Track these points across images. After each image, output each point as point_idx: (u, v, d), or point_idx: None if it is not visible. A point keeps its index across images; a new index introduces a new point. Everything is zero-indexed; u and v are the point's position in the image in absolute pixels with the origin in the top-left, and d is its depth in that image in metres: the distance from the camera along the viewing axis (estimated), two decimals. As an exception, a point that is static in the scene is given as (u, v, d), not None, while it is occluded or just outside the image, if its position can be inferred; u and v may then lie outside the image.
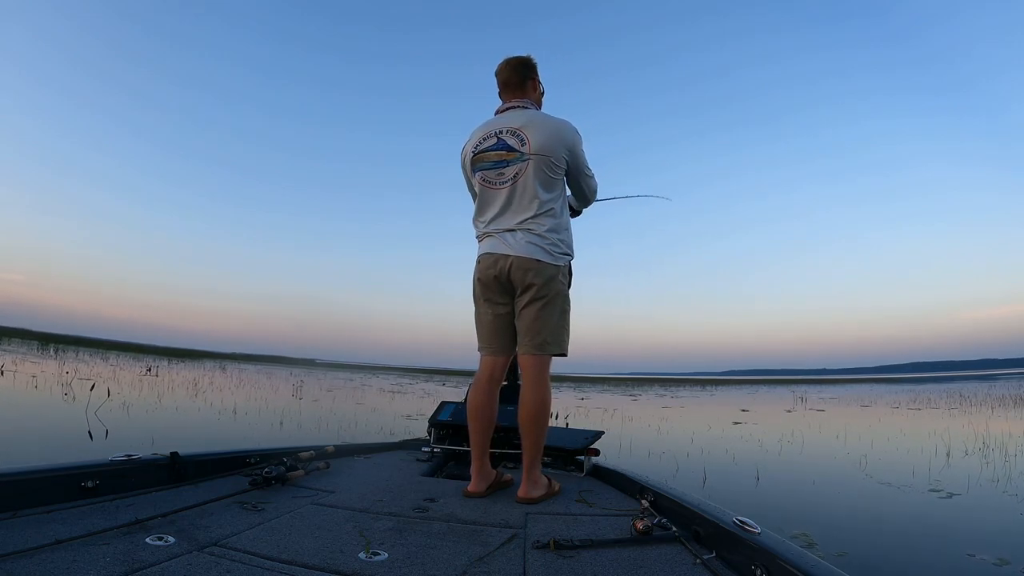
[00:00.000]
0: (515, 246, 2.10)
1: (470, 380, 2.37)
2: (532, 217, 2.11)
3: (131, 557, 1.25)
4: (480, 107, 2.38)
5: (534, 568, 1.37)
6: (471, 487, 2.14)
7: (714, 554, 1.46)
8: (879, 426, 9.43)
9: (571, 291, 2.26)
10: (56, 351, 25.90)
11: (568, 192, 2.30)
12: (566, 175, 2.21)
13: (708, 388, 33.03)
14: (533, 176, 2.11)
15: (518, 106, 2.23)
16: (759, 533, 1.37)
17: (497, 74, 2.30)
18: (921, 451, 6.24)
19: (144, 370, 17.66)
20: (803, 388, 31.13)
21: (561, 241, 2.15)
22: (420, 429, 7.42)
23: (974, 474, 4.88)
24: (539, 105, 2.34)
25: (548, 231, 2.11)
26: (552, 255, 2.11)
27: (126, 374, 15.16)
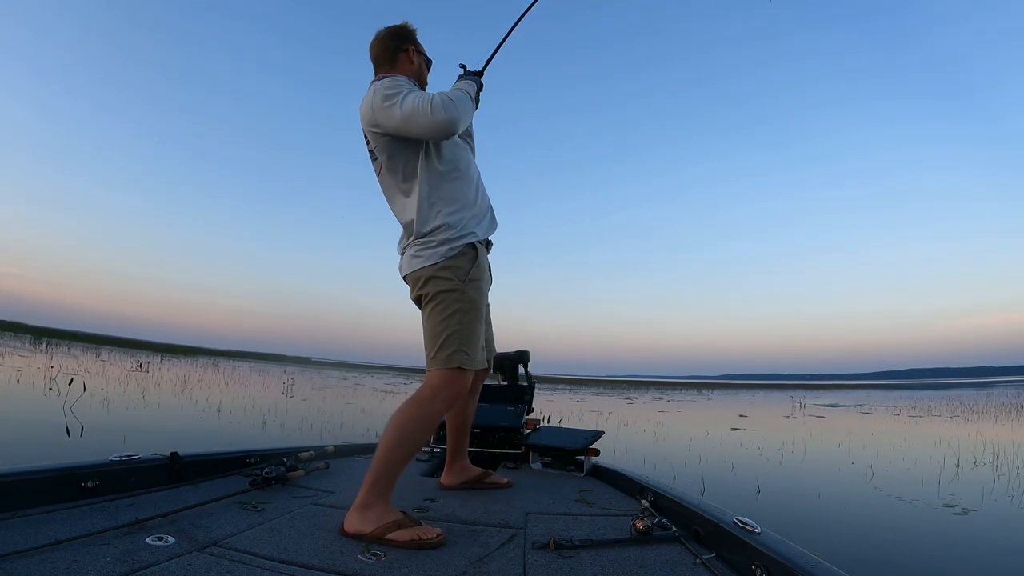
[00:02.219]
0: (403, 263, 1.88)
1: None
2: (408, 218, 1.82)
3: (131, 557, 1.25)
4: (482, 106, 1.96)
5: (534, 568, 1.37)
6: (442, 479, 2.22)
7: (714, 554, 1.46)
8: (882, 434, 9.17)
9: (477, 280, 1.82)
10: (48, 345, 25.66)
11: (446, 148, 1.87)
12: (406, 140, 1.78)
13: (704, 392, 32.78)
14: (384, 167, 1.84)
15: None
16: (759, 533, 1.36)
17: (369, 49, 1.96)
18: (929, 461, 5.98)
19: (134, 366, 17.43)
20: (800, 393, 30.89)
21: (435, 233, 1.78)
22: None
23: (987, 488, 4.62)
24: (421, 81, 1.99)
25: (418, 227, 1.79)
26: (423, 256, 1.78)
27: (115, 369, 14.92)
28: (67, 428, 5.26)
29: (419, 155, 1.80)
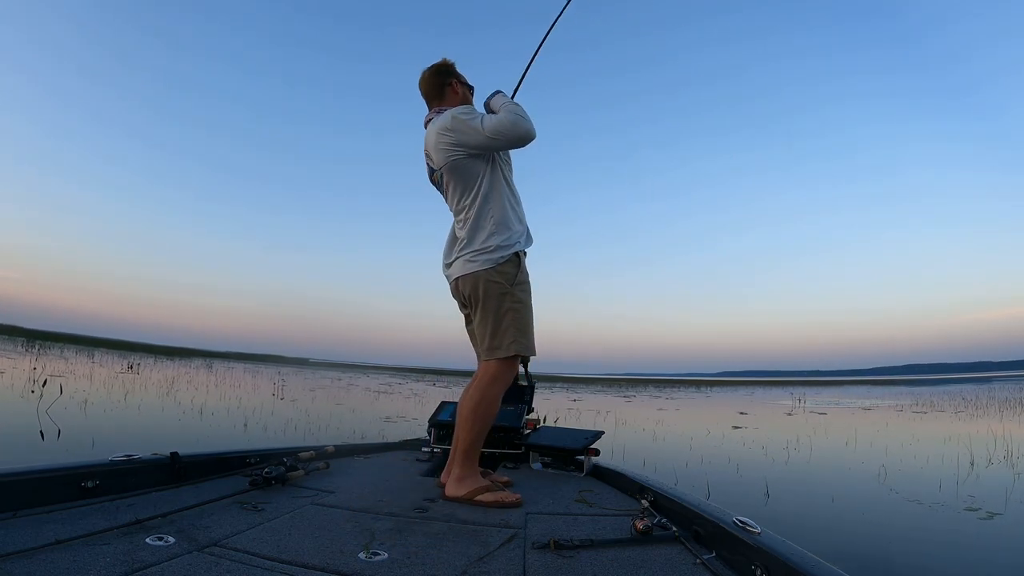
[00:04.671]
0: (455, 267, 2.21)
1: (462, 380, 2.00)
2: (464, 229, 2.17)
3: (131, 557, 1.25)
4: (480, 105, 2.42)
5: (534, 568, 1.37)
6: (441, 478, 2.21)
7: (714, 554, 1.45)
8: (888, 431, 8.89)
9: (524, 282, 2.18)
10: (39, 348, 25.41)
11: (500, 164, 2.24)
12: (481, 155, 2.15)
13: (703, 389, 32.52)
14: (450, 186, 2.20)
15: (430, 120, 2.26)
16: (759, 533, 1.35)
17: (419, 87, 2.32)
18: (941, 460, 5.69)
19: (124, 367, 17.18)
20: (800, 390, 30.61)
21: (488, 241, 2.13)
22: (397, 432, 6.97)
23: (1008, 488, 4.34)
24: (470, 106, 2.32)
25: (474, 237, 2.14)
26: (478, 261, 2.12)
27: (103, 371, 14.67)
28: (41, 432, 5.00)
29: (486, 175, 2.15)
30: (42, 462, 1.66)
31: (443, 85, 2.27)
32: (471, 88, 2.35)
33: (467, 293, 2.17)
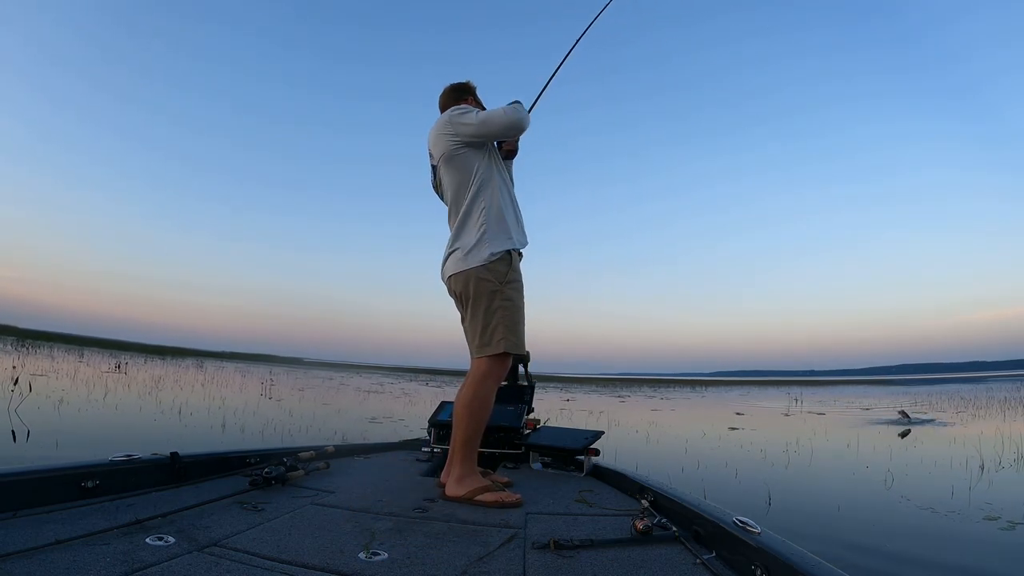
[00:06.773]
0: (448, 265, 2.24)
1: (455, 380, 1.77)
2: (458, 226, 2.20)
3: (131, 557, 1.26)
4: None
5: (534, 568, 1.37)
6: (441, 478, 2.21)
7: (714, 554, 1.45)
8: (889, 432, 8.66)
9: (515, 281, 2.19)
10: (28, 347, 25.12)
11: (496, 164, 2.29)
12: (477, 149, 2.21)
13: (698, 389, 32.32)
14: (445, 181, 2.26)
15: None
16: (759, 533, 1.34)
17: (439, 101, 2.44)
18: (949, 463, 5.42)
19: (111, 367, 16.91)
20: (796, 390, 30.42)
21: (479, 239, 2.15)
22: (381, 433, 6.72)
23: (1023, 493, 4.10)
24: None
25: (466, 235, 2.17)
26: (469, 259, 2.15)
27: (88, 370, 14.41)
28: (13, 432, 4.81)
29: (480, 171, 2.20)
30: (42, 462, 1.66)
31: (459, 99, 2.39)
32: (483, 109, 2.44)
33: (459, 291, 2.20)
